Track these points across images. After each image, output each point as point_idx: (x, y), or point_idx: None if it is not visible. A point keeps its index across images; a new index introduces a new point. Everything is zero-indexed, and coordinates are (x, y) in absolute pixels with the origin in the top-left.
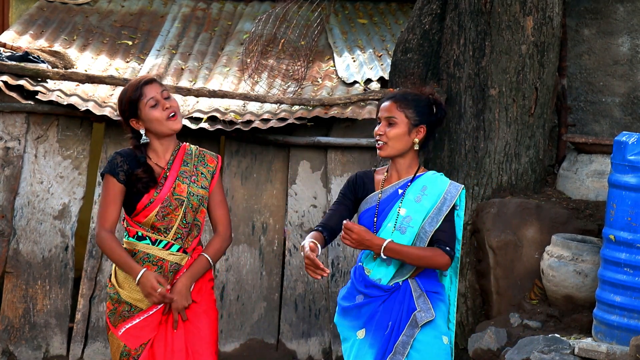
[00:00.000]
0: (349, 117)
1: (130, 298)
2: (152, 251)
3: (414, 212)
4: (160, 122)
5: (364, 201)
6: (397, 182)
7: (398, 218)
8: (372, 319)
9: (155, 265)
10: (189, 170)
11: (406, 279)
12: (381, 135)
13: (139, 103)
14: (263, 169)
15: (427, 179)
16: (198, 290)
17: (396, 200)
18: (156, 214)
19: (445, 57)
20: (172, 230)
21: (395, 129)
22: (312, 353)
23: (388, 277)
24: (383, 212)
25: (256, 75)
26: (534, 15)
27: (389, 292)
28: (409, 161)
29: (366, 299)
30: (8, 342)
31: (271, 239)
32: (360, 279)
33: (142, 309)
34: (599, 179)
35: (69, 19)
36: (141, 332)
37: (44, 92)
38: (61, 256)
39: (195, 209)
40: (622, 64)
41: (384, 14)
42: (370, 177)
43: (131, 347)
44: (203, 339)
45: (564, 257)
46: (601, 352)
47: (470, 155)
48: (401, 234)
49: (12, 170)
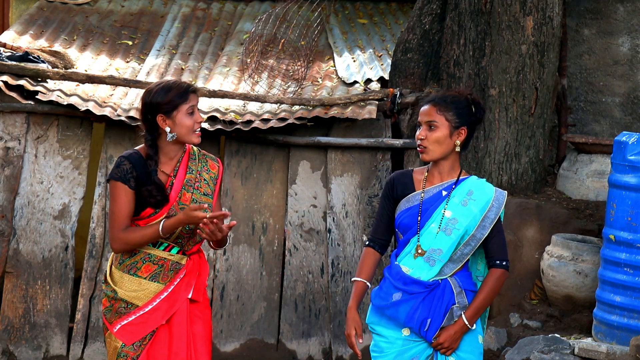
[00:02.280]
0: (349, 117)
1: (127, 295)
2: (153, 252)
3: (461, 215)
4: (188, 131)
5: (404, 199)
6: (440, 184)
7: (443, 220)
8: (412, 317)
9: (156, 265)
10: (193, 177)
11: (446, 277)
12: (422, 140)
13: (180, 105)
14: (263, 169)
15: (472, 183)
16: (197, 290)
17: (440, 201)
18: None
19: (445, 57)
20: (174, 235)
21: (436, 132)
22: (312, 353)
23: (430, 276)
24: (426, 212)
25: (256, 75)
26: (534, 15)
27: (430, 288)
28: (451, 163)
29: (405, 295)
30: (8, 342)
31: (271, 239)
32: (398, 277)
33: (138, 305)
34: (599, 179)
35: (69, 19)
36: (137, 328)
37: (44, 92)
38: (61, 256)
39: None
40: (622, 64)
41: (384, 14)
42: (409, 177)
43: (126, 343)
44: (202, 338)
45: (564, 257)
46: (601, 352)
47: (470, 155)
48: (446, 235)
49: (12, 170)
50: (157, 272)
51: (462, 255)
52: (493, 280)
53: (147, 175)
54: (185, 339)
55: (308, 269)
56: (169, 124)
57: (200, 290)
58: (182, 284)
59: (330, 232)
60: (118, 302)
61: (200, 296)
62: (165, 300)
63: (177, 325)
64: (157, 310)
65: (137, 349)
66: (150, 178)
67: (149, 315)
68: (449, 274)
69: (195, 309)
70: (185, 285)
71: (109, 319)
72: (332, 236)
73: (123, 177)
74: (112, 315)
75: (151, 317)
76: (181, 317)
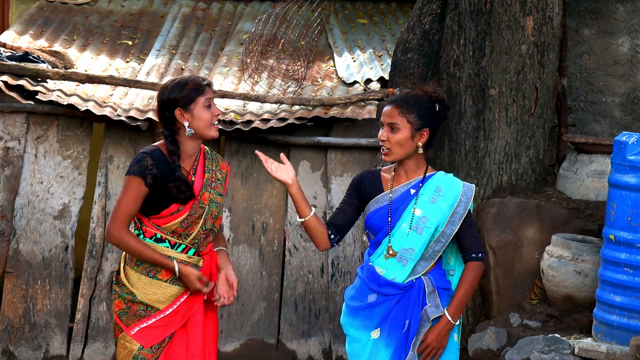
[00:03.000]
0: (349, 117)
1: (147, 299)
2: (172, 254)
3: (431, 213)
4: (207, 124)
5: (373, 200)
6: (407, 182)
7: (414, 219)
8: (386, 318)
9: None
10: (210, 177)
11: (420, 276)
12: (384, 141)
13: (197, 98)
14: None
15: (439, 179)
16: (211, 292)
17: (409, 200)
18: (181, 222)
19: (445, 57)
20: (192, 236)
21: (398, 134)
22: (312, 353)
23: (404, 276)
24: (396, 211)
25: (256, 75)
26: (534, 15)
27: (405, 290)
28: (415, 161)
29: (380, 297)
30: (8, 342)
31: (271, 239)
32: (373, 278)
33: (158, 308)
34: (599, 179)
35: (69, 19)
36: (157, 331)
37: (44, 92)
38: (61, 256)
39: (215, 216)
40: (622, 64)
41: (384, 14)
42: (377, 176)
43: (145, 346)
44: (212, 339)
45: (564, 257)
46: (601, 352)
47: (470, 155)
48: (417, 234)
49: (12, 170)
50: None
51: (434, 253)
52: (471, 273)
53: (170, 171)
54: (201, 340)
55: (308, 269)
56: (187, 118)
57: (213, 290)
58: None
59: None
60: (136, 304)
61: (212, 296)
62: (185, 303)
63: (194, 326)
64: (177, 313)
65: (155, 351)
66: (174, 174)
67: (169, 318)
68: (421, 273)
69: (209, 309)
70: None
71: (124, 321)
72: None
73: (142, 172)
74: (128, 317)
75: (171, 320)
76: (197, 318)
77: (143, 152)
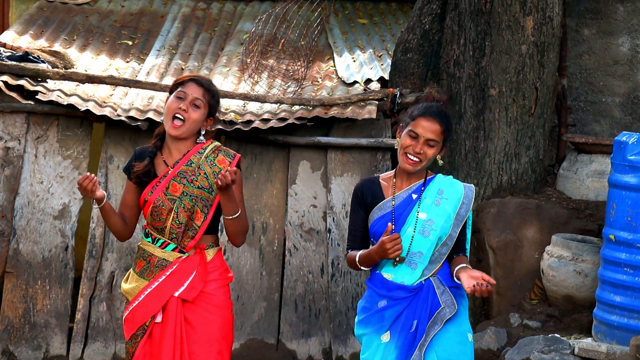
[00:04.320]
0: (349, 117)
1: (123, 290)
2: (147, 247)
3: (435, 215)
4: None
5: (376, 208)
6: (408, 187)
7: (418, 222)
8: (397, 322)
9: (145, 260)
10: (191, 170)
11: (428, 277)
12: (420, 154)
13: (176, 88)
14: (263, 169)
15: (441, 182)
16: (190, 289)
17: (412, 205)
18: (151, 213)
19: (445, 57)
20: (167, 230)
21: (433, 150)
22: (312, 353)
23: (414, 279)
24: (400, 217)
25: (256, 75)
26: (534, 15)
27: (414, 292)
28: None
29: (390, 302)
30: (8, 342)
31: (271, 239)
32: (382, 284)
33: (129, 300)
34: (599, 179)
35: (69, 19)
36: (129, 323)
37: (44, 92)
38: (61, 256)
39: (189, 209)
40: (622, 64)
41: (384, 14)
42: (376, 184)
43: (126, 337)
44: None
45: (564, 257)
46: (601, 352)
47: (470, 155)
48: (424, 237)
49: (12, 170)
50: (145, 268)
51: (440, 256)
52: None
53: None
54: (172, 339)
55: (308, 269)
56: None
57: (193, 289)
58: (168, 281)
59: (330, 232)
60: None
61: (192, 296)
62: (149, 297)
63: (167, 324)
64: (141, 306)
65: (133, 345)
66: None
67: (135, 311)
68: (428, 275)
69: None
70: (174, 282)
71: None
72: (332, 236)
73: (126, 169)
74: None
75: (137, 313)
76: (171, 316)
77: (139, 147)
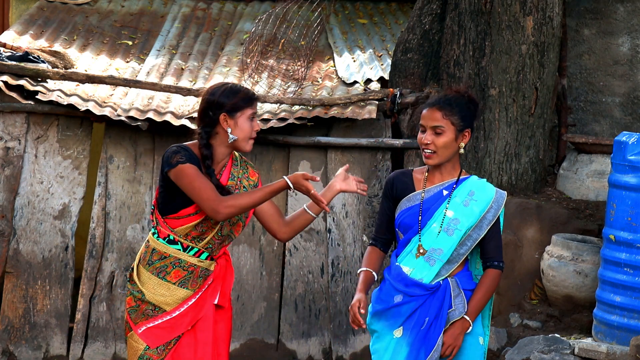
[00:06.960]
0: (349, 117)
1: (155, 299)
2: (183, 257)
3: (463, 215)
4: (246, 136)
5: (405, 198)
6: (440, 183)
7: (445, 219)
8: (411, 318)
9: (186, 271)
10: (234, 184)
11: (446, 277)
12: (428, 145)
13: (245, 108)
14: (263, 169)
15: (473, 183)
16: (223, 295)
17: (442, 201)
18: (196, 225)
19: (445, 57)
20: (206, 240)
21: (443, 137)
22: (312, 353)
23: (431, 276)
24: (427, 211)
25: (256, 75)
26: (534, 15)
27: (431, 291)
28: (452, 163)
29: (406, 298)
30: (8, 342)
31: (271, 239)
32: (400, 279)
33: (165, 310)
34: (599, 179)
35: (69, 19)
36: (163, 332)
37: (44, 92)
38: (61, 256)
39: (233, 223)
40: (622, 64)
41: (384, 14)
42: (409, 176)
43: (150, 346)
44: (223, 341)
45: (564, 257)
46: (601, 352)
47: (470, 155)
48: (448, 236)
49: (12, 170)
50: (187, 278)
51: (458, 256)
52: (490, 280)
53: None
54: (210, 345)
55: (308, 269)
56: (230, 125)
57: (225, 295)
58: (209, 290)
59: (330, 232)
60: (145, 303)
61: (226, 302)
62: (193, 307)
63: (203, 330)
64: (184, 316)
65: (161, 352)
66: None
67: (175, 320)
68: (445, 275)
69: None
70: (212, 291)
71: (133, 319)
72: (332, 236)
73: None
74: (137, 315)
75: (178, 323)
76: (207, 323)
77: (178, 146)
